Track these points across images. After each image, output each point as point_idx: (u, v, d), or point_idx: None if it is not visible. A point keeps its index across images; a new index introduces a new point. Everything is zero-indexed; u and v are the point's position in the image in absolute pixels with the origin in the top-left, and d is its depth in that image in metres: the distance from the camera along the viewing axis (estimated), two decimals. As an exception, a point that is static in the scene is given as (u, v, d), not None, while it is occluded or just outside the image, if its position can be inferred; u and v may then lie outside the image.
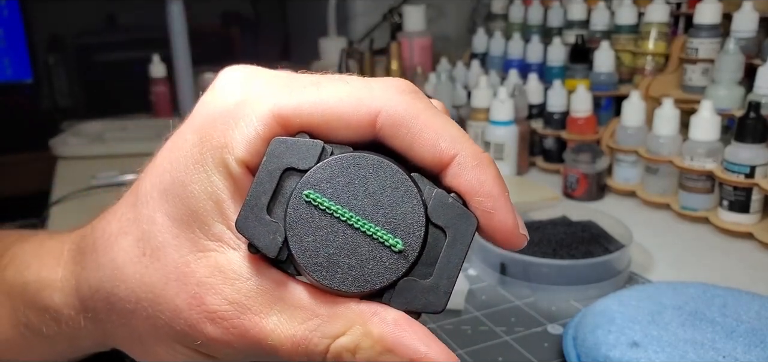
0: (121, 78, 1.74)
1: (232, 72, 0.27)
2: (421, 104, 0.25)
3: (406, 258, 0.24)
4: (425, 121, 0.25)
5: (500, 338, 0.48)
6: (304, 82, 0.26)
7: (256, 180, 0.24)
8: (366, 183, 0.24)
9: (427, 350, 0.23)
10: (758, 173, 0.64)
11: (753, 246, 0.64)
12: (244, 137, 0.25)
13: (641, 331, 0.44)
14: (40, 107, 1.84)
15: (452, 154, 0.25)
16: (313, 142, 0.24)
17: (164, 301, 0.25)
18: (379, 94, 0.25)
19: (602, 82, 0.89)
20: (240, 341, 0.24)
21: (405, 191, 0.24)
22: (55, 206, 0.83)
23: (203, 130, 0.26)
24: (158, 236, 0.25)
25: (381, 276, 0.24)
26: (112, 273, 0.27)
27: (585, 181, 0.78)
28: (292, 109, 0.25)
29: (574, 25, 0.98)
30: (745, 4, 0.74)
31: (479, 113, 0.89)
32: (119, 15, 2.03)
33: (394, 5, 1.23)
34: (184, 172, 0.25)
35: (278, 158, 0.24)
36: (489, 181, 0.25)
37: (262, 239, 0.24)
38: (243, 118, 0.25)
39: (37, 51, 1.78)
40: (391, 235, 0.24)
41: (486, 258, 0.58)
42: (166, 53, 1.19)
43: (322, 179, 0.24)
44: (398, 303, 0.24)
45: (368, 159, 0.24)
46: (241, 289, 0.24)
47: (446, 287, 0.24)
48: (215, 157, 0.25)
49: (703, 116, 0.68)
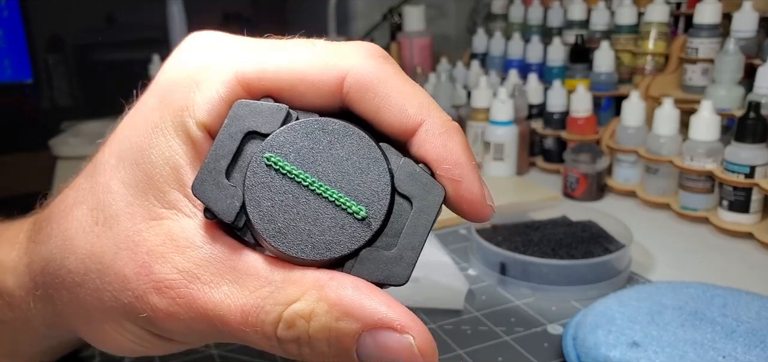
0: (121, 78, 1.74)
1: (196, 37, 0.27)
2: (390, 69, 0.25)
3: (370, 227, 0.23)
4: (393, 85, 0.24)
5: (500, 338, 0.48)
6: (270, 45, 0.25)
7: (216, 143, 0.23)
8: (331, 149, 0.23)
9: (387, 311, 0.22)
10: (758, 173, 0.64)
11: (753, 246, 0.64)
12: (205, 100, 0.24)
13: (641, 331, 0.44)
14: (40, 107, 1.83)
15: (419, 121, 0.24)
16: (277, 106, 0.24)
17: (113, 272, 0.24)
18: (346, 57, 0.24)
19: (602, 82, 0.89)
20: (187, 312, 0.23)
21: (371, 159, 0.23)
22: (54, 206, 0.83)
23: (164, 94, 0.25)
24: (112, 204, 0.24)
25: (342, 244, 0.23)
26: (62, 244, 0.26)
27: (585, 181, 0.78)
28: (256, 72, 0.24)
29: (574, 25, 0.98)
30: (745, 4, 0.74)
31: (479, 113, 0.89)
32: (119, 15, 2.03)
33: (394, 5, 1.23)
34: (142, 137, 0.25)
35: (240, 121, 0.23)
36: (456, 149, 0.24)
37: (218, 204, 0.23)
38: (205, 81, 0.24)
39: (37, 51, 1.77)
40: (354, 202, 0.23)
41: (486, 258, 0.58)
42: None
43: (284, 142, 0.23)
44: (360, 273, 0.23)
45: (334, 124, 0.24)
46: (192, 258, 0.23)
47: (410, 258, 0.23)
48: (175, 121, 0.24)
49: (703, 116, 0.68)
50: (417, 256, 0.23)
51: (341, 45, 0.25)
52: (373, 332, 0.22)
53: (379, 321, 0.22)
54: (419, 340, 0.22)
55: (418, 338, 0.22)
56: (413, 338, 0.22)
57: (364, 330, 0.22)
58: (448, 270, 0.55)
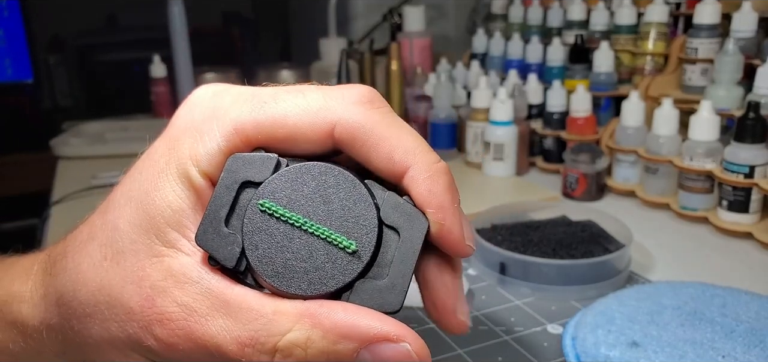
0: (122, 78, 1.74)
1: (204, 89, 0.29)
2: (377, 115, 0.26)
3: (361, 259, 0.24)
4: (380, 133, 0.26)
5: (500, 338, 0.48)
6: (265, 97, 0.27)
7: (214, 195, 0.25)
8: (319, 189, 0.25)
9: (381, 325, 0.23)
10: (757, 173, 0.64)
11: (752, 246, 0.64)
12: (207, 151, 0.26)
13: (641, 331, 0.45)
14: (41, 107, 1.83)
15: (406, 166, 0.26)
16: (267, 156, 0.26)
17: (120, 304, 0.26)
18: (334, 105, 0.26)
19: (602, 82, 0.89)
20: (185, 343, 0.25)
21: (357, 195, 0.25)
22: (55, 206, 0.83)
23: (173, 142, 0.27)
24: (119, 241, 0.26)
25: (336, 278, 0.24)
26: (76, 277, 0.27)
27: (584, 180, 0.78)
28: (253, 124, 0.26)
29: (574, 26, 0.98)
30: (745, 4, 0.74)
31: (479, 113, 0.89)
32: (120, 15, 2.03)
33: (394, 5, 1.23)
34: (148, 181, 0.26)
35: (235, 173, 0.25)
36: (439, 192, 0.26)
37: (220, 251, 0.25)
38: (208, 132, 0.26)
39: (38, 51, 1.78)
40: (344, 237, 0.24)
41: (486, 258, 0.58)
42: (167, 53, 1.19)
43: (276, 189, 0.25)
44: (355, 303, 0.25)
45: (320, 167, 0.25)
46: (189, 292, 0.25)
47: (402, 285, 0.24)
48: (179, 168, 0.26)
49: (702, 116, 0.69)
50: (408, 283, 0.25)
51: (332, 92, 0.27)
52: (370, 347, 0.23)
53: (375, 336, 0.23)
54: (415, 346, 0.24)
55: (414, 344, 0.24)
56: (409, 345, 0.23)
57: (362, 347, 0.23)
58: (448, 270, 0.55)
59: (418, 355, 0.23)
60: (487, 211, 0.65)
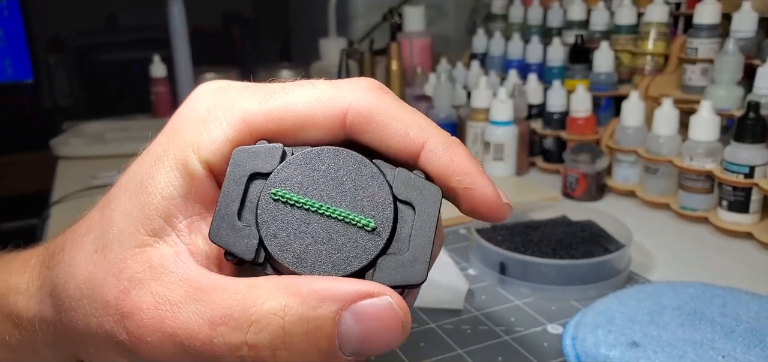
0: (122, 78, 1.74)
1: (207, 85, 0.28)
2: (388, 98, 0.26)
3: (380, 236, 0.24)
4: (393, 113, 0.26)
5: (500, 338, 0.48)
6: (274, 89, 0.27)
7: (223, 190, 0.25)
8: (329, 173, 0.25)
9: (361, 285, 0.23)
10: (757, 173, 0.64)
11: (752, 246, 0.64)
12: (211, 138, 0.25)
13: (641, 331, 0.45)
14: (41, 107, 1.83)
15: (422, 142, 0.25)
16: (272, 146, 0.25)
17: (99, 297, 0.25)
18: (346, 93, 0.26)
19: (602, 82, 0.89)
20: (154, 335, 0.24)
21: (369, 174, 0.25)
22: (55, 206, 0.84)
23: (173, 132, 0.26)
24: (109, 233, 0.26)
25: (359, 256, 0.24)
26: (68, 270, 0.27)
27: (584, 180, 0.78)
28: (263, 114, 0.26)
29: (574, 26, 0.98)
30: (745, 4, 0.74)
31: (479, 113, 0.89)
32: (120, 15, 2.03)
33: (394, 5, 1.23)
34: (144, 170, 0.26)
35: (241, 165, 0.25)
36: (462, 160, 0.25)
37: (237, 245, 0.24)
38: (213, 120, 0.26)
39: (38, 51, 1.78)
40: (362, 216, 0.24)
41: (486, 258, 0.58)
42: (167, 53, 1.20)
43: (286, 176, 0.25)
44: (380, 279, 0.24)
45: (328, 151, 0.25)
46: (166, 282, 0.24)
47: (424, 257, 0.24)
48: (177, 156, 0.25)
49: (702, 116, 0.69)
50: (429, 254, 0.24)
51: (341, 82, 0.27)
52: (351, 307, 0.22)
53: (356, 294, 0.22)
54: (396, 299, 0.23)
55: (395, 299, 0.23)
56: (390, 298, 0.23)
57: (343, 308, 0.22)
58: (448, 270, 0.56)
59: (400, 308, 0.23)
60: (487, 211, 0.65)
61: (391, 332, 0.23)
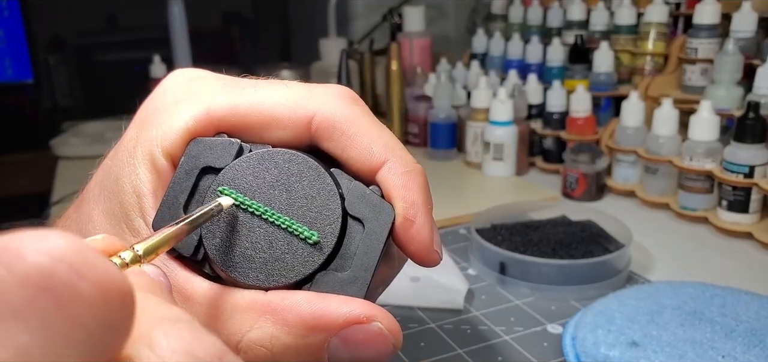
0: (122, 78, 1.74)
1: (177, 73, 0.28)
2: (359, 110, 0.26)
3: (322, 251, 0.23)
4: (360, 125, 0.25)
5: (500, 338, 0.48)
6: (245, 84, 0.26)
7: (173, 180, 0.24)
8: (282, 177, 0.24)
9: (348, 309, 0.22)
10: (757, 173, 0.64)
11: (752, 246, 0.64)
12: (173, 131, 0.25)
13: (640, 331, 0.45)
14: (41, 107, 1.83)
15: (383, 159, 0.25)
16: (229, 141, 0.25)
17: None
18: (317, 97, 0.26)
19: (601, 83, 0.89)
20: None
21: (321, 184, 0.24)
22: (55, 206, 0.84)
23: (141, 125, 0.26)
24: (91, 233, 0.25)
25: (296, 269, 0.23)
26: None
27: (584, 180, 0.78)
28: (228, 108, 0.25)
29: (574, 26, 0.98)
30: (745, 5, 0.74)
31: (479, 113, 0.89)
32: (120, 15, 2.03)
33: (394, 5, 1.23)
34: (118, 167, 0.26)
35: (195, 158, 0.24)
36: (415, 188, 0.24)
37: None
38: (177, 113, 0.25)
39: (38, 51, 1.77)
40: (306, 228, 0.23)
41: (485, 257, 0.58)
42: (167, 54, 1.19)
43: (236, 175, 0.24)
44: None
45: (284, 154, 0.24)
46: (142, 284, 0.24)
47: (364, 279, 0.23)
48: (144, 151, 0.25)
49: (702, 116, 0.69)
50: (371, 276, 0.23)
51: (315, 87, 0.26)
52: (340, 334, 0.22)
53: (344, 321, 0.22)
54: (386, 323, 0.22)
55: (385, 322, 0.22)
56: (380, 323, 0.22)
57: (331, 337, 0.22)
58: (447, 270, 0.56)
59: (390, 333, 0.22)
60: (487, 211, 0.66)
61: (381, 354, 0.22)
